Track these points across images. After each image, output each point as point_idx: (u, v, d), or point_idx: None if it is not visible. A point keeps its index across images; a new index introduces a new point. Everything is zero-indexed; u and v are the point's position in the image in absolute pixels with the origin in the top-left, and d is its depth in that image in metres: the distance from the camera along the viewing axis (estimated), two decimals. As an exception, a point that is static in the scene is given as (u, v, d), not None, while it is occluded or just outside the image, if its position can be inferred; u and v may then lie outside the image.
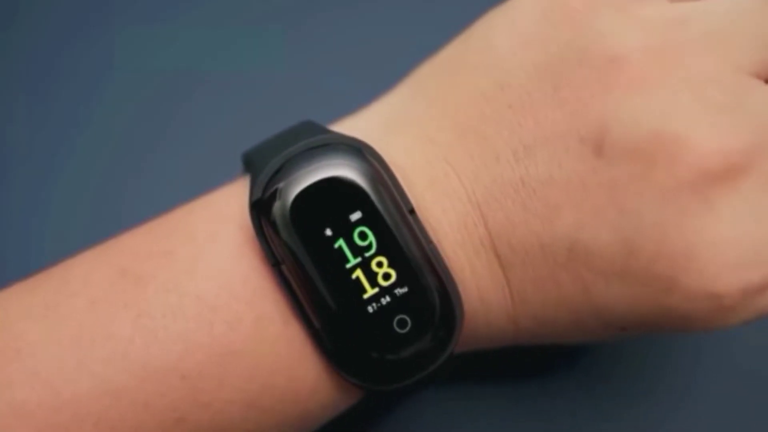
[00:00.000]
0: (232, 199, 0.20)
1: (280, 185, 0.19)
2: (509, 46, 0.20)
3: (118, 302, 0.19)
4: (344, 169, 0.19)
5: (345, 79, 0.34)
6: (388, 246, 0.19)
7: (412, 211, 0.19)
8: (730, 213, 0.18)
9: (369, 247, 0.19)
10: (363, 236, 0.19)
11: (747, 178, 0.18)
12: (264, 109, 0.33)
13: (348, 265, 0.19)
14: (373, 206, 0.19)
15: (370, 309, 0.19)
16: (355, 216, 0.19)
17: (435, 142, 0.21)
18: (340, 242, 0.19)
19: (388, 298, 0.19)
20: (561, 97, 0.20)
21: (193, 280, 0.19)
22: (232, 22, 0.35)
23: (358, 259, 0.19)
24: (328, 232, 0.19)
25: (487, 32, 0.21)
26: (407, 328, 0.19)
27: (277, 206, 0.19)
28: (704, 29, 0.19)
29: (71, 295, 0.19)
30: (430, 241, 0.19)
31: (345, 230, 0.19)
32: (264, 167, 0.19)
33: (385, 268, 0.19)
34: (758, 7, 0.20)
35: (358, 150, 0.20)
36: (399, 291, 0.19)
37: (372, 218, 0.19)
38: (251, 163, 0.21)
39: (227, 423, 0.19)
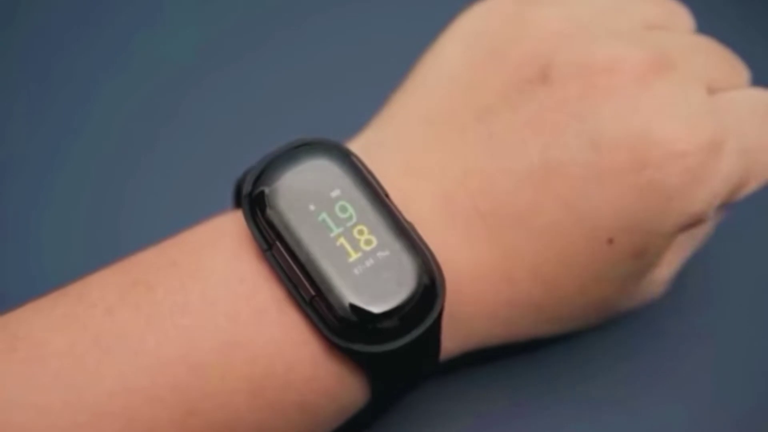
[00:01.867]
0: (229, 219, 0.22)
1: (269, 181, 0.21)
2: (451, 50, 0.25)
3: (131, 307, 0.20)
4: (323, 159, 0.22)
5: (346, 78, 0.34)
6: (367, 215, 0.21)
7: (387, 195, 0.22)
8: (669, 91, 0.22)
9: (350, 218, 0.21)
10: (343, 210, 0.21)
11: (673, 71, 0.23)
12: (265, 109, 0.33)
13: (332, 234, 0.21)
14: (350, 185, 0.21)
15: (356, 271, 0.20)
16: (335, 193, 0.21)
17: (405, 139, 0.24)
18: (323, 215, 0.21)
19: (371, 261, 0.21)
20: (500, 62, 0.23)
21: (197, 282, 0.21)
22: (232, 22, 0.36)
23: (341, 229, 0.21)
24: (312, 207, 0.21)
25: (434, 49, 0.25)
26: (391, 284, 0.20)
27: (266, 198, 0.21)
28: (598, 6, 0.25)
29: (89, 307, 0.20)
30: (406, 220, 0.21)
31: (327, 205, 0.21)
32: (252, 169, 0.22)
33: (366, 235, 0.21)
34: None
35: (334, 146, 0.22)
36: (381, 254, 0.21)
37: (350, 193, 0.21)
38: (243, 176, 0.23)
39: (235, 413, 0.20)
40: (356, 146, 0.24)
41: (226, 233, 0.22)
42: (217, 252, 0.21)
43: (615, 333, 0.28)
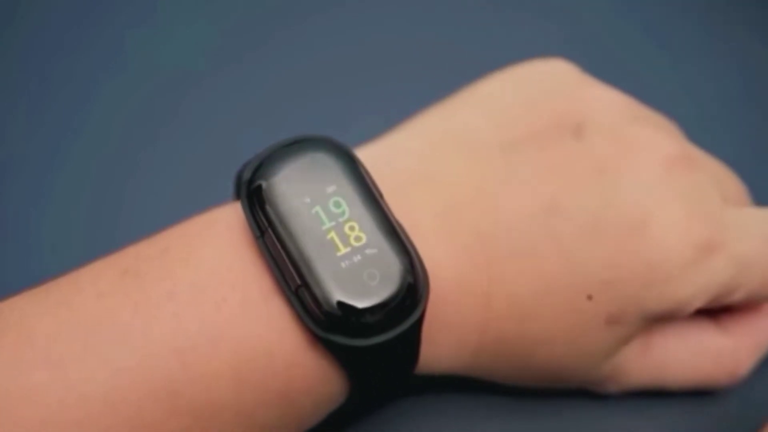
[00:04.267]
0: (225, 209, 0.23)
1: (268, 170, 0.22)
2: (495, 90, 0.26)
3: (121, 293, 0.21)
4: (323, 154, 0.22)
5: (346, 78, 0.34)
6: (359, 212, 0.21)
7: (381, 196, 0.22)
8: (688, 185, 0.24)
9: (342, 213, 0.21)
10: (337, 205, 0.22)
11: (697, 172, 0.24)
12: (265, 109, 0.33)
13: (323, 227, 0.21)
14: (346, 182, 0.22)
15: (343, 264, 0.21)
16: (331, 189, 0.22)
17: (421, 153, 0.24)
18: (317, 209, 0.21)
19: (359, 257, 0.21)
20: (542, 109, 0.25)
21: (186, 269, 0.21)
22: (232, 22, 0.36)
23: (332, 223, 0.21)
24: (307, 200, 0.21)
25: (472, 89, 0.26)
26: (376, 281, 0.21)
27: (263, 186, 0.22)
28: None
29: (80, 293, 0.21)
30: (397, 221, 0.22)
31: (322, 200, 0.21)
32: (253, 159, 0.22)
33: (357, 232, 0.21)
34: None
35: (334, 143, 0.23)
36: (369, 251, 0.21)
37: (345, 191, 0.22)
38: (244, 166, 0.23)
39: (218, 397, 0.21)
40: (381, 148, 0.25)
41: (220, 222, 0.22)
42: (209, 239, 0.22)
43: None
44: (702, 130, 0.28)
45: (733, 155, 0.28)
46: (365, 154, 0.24)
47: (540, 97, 0.25)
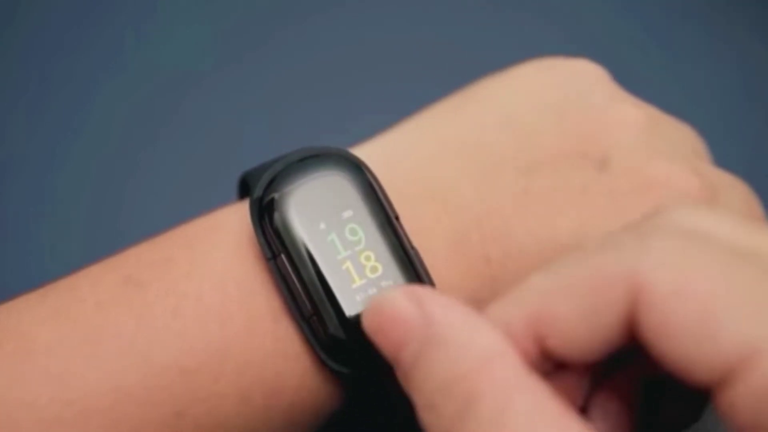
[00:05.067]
0: (230, 214, 0.22)
1: (281, 189, 0.21)
2: (513, 92, 0.24)
3: (122, 304, 0.20)
4: (337, 174, 0.21)
5: (346, 78, 0.34)
6: (375, 241, 0.21)
7: (397, 218, 0.21)
8: None
9: (359, 242, 0.21)
10: (353, 232, 0.21)
11: (716, 206, 0.23)
12: (265, 109, 0.33)
13: (339, 257, 0.21)
14: (363, 206, 0.21)
15: (358, 298, 0.20)
16: (347, 214, 0.21)
17: (439, 164, 0.23)
18: (333, 236, 0.21)
19: (374, 290, 0.21)
20: (564, 129, 0.23)
21: (191, 282, 0.21)
22: (232, 22, 0.36)
23: (348, 252, 0.21)
24: (322, 226, 0.21)
25: (491, 85, 0.25)
26: None
27: (276, 207, 0.21)
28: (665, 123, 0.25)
29: (79, 300, 0.20)
30: (412, 246, 0.21)
31: (337, 226, 0.21)
32: (265, 172, 0.21)
33: (373, 262, 0.21)
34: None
35: (348, 160, 0.22)
36: (384, 284, 0.21)
37: (361, 217, 0.21)
38: (252, 173, 0.23)
39: (223, 417, 0.20)
40: (383, 149, 0.24)
41: (224, 228, 0.22)
42: (214, 250, 0.21)
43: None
44: (702, 131, 0.28)
45: (734, 155, 0.28)
46: (373, 156, 0.23)
47: (566, 113, 0.24)
